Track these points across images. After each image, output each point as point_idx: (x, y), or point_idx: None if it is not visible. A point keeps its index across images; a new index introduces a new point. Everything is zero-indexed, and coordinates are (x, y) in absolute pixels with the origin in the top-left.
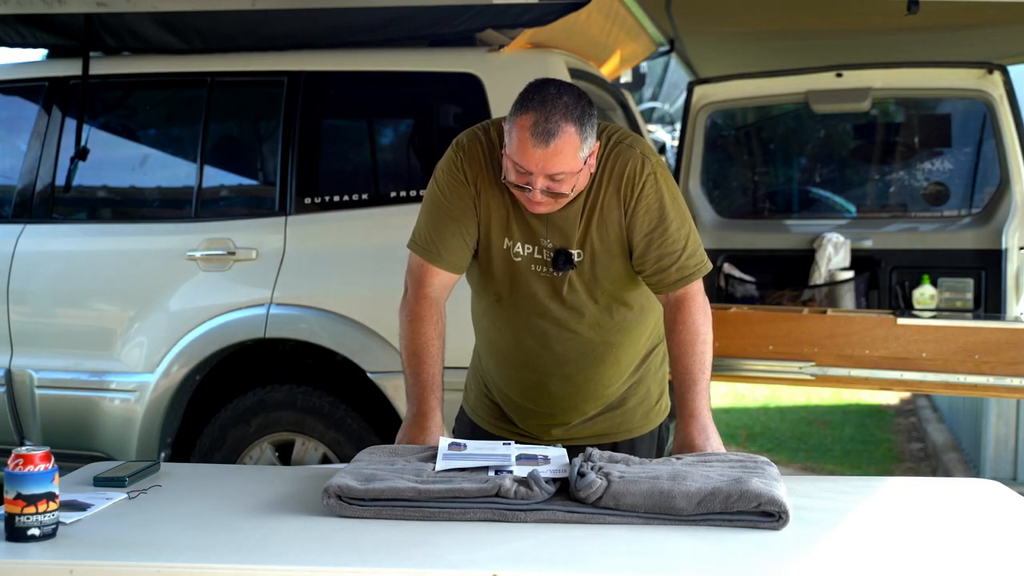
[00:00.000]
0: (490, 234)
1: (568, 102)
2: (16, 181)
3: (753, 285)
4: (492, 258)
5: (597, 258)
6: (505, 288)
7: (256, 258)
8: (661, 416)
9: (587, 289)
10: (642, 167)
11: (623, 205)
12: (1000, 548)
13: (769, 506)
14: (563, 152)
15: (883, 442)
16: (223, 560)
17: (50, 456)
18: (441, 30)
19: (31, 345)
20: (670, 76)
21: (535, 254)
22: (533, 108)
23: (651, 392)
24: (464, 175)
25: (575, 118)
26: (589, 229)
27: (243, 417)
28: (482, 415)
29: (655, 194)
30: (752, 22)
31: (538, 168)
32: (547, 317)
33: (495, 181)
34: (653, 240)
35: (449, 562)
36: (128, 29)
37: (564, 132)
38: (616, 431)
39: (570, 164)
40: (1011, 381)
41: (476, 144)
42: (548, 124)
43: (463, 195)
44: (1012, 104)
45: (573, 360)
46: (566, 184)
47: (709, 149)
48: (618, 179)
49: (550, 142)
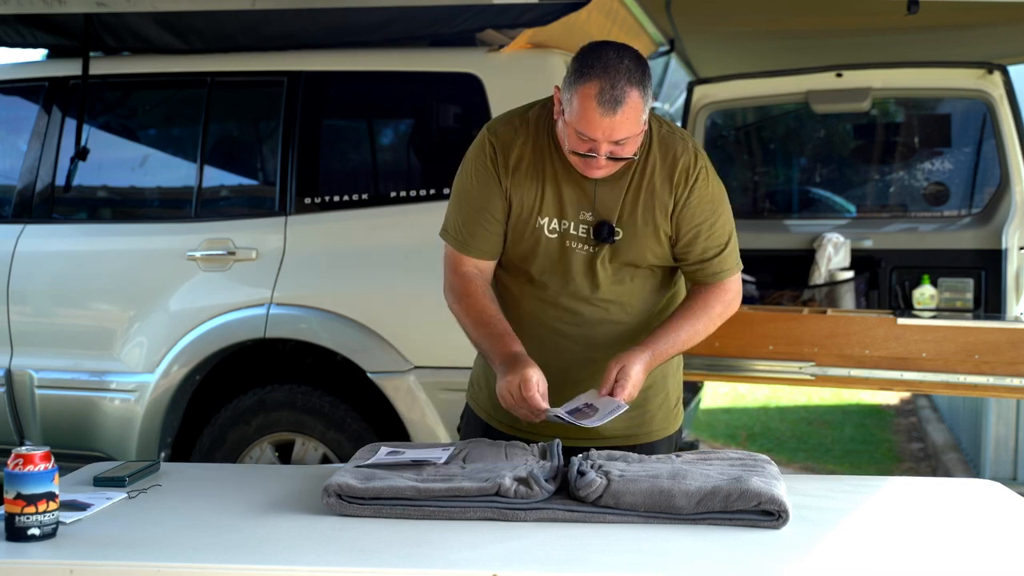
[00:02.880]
0: (521, 214)
1: (630, 66)
2: (16, 181)
3: (753, 285)
4: (524, 239)
5: (636, 237)
6: (536, 267)
7: (256, 258)
8: (678, 422)
9: (618, 267)
10: (695, 160)
11: (675, 194)
12: (1000, 548)
13: (769, 505)
14: (630, 118)
15: (883, 442)
16: (223, 560)
17: (50, 456)
18: (441, 30)
19: (31, 345)
20: (670, 76)
21: (571, 230)
22: (596, 75)
23: (671, 395)
24: (493, 160)
25: (638, 81)
26: (633, 206)
27: (243, 417)
28: (496, 416)
29: (707, 188)
30: (752, 22)
31: (604, 135)
32: (578, 296)
33: (531, 161)
34: (702, 232)
35: (449, 561)
36: (128, 29)
37: (630, 98)
38: (636, 433)
39: (635, 128)
40: (1011, 381)
41: (510, 127)
42: (614, 91)
43: (490, 181)
44: (1012, 104)
45: (601, 344)
46: (629, 147)
47: (709, 149)
48: (671, 167)
49: (617, 109)
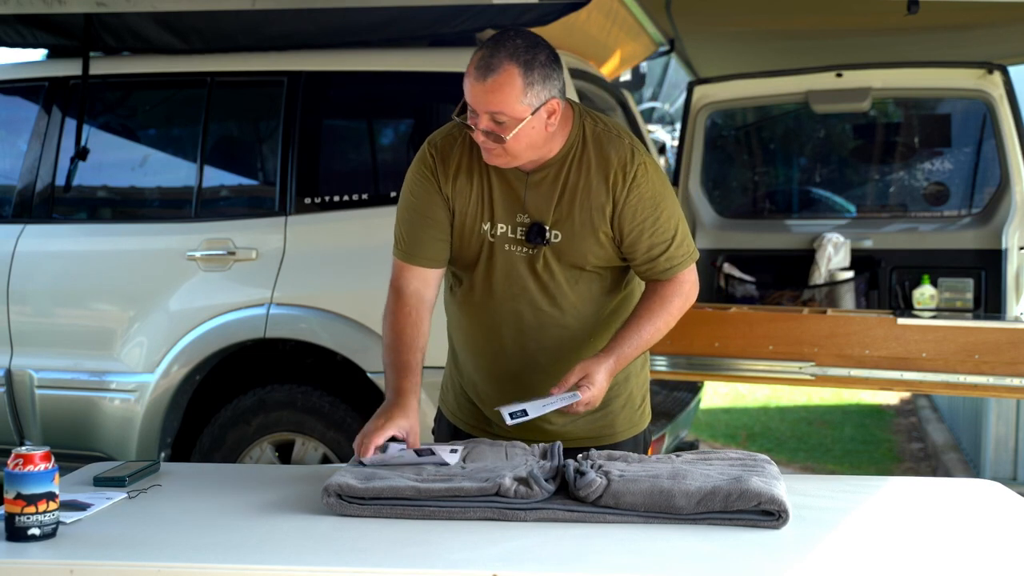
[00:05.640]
0: (465, 221)
1: (519, 45)
2: (16, 181)
3: (753, 285)
4: (469, 244)
5: (574, 238)
6: (481, 273)
7: (256, 258)
8: (645, 421)
9: (563, 270)
10: (632, 157)
11: (612, 193)
12: (1000, 548)
13: (769, 505)
14: (501, 90)
15: (883, 442)
16: (223, 560)
17: (50, 456)
18: (441, 30)
19: (31, 345)
20: (670, 76)
21: (509, 233)
22: (485, 46)
23: (634, 395)
24: (432, 170)
25: (521, 61)
26: (569, 208)
27: (243, 417)
28: (461, 417)
29: (647, 184)
30: (752, 22)
31: (478, 104)
32: (524, 300)
33: (467, 168)
34: (644, 229)
35: (449, 561)
36: (128, 29)
37: (504, 71)
38: (600, 435)
39: (510, 106)
40: (1011, 381)
41: (448, 136)
42: (491, 60)
43: (431, 190)
44: (1012, 104)
45: (550, 348)
46: (508, 129)
47: (709, 149)
48: (605, 165)
49: (488, 76)
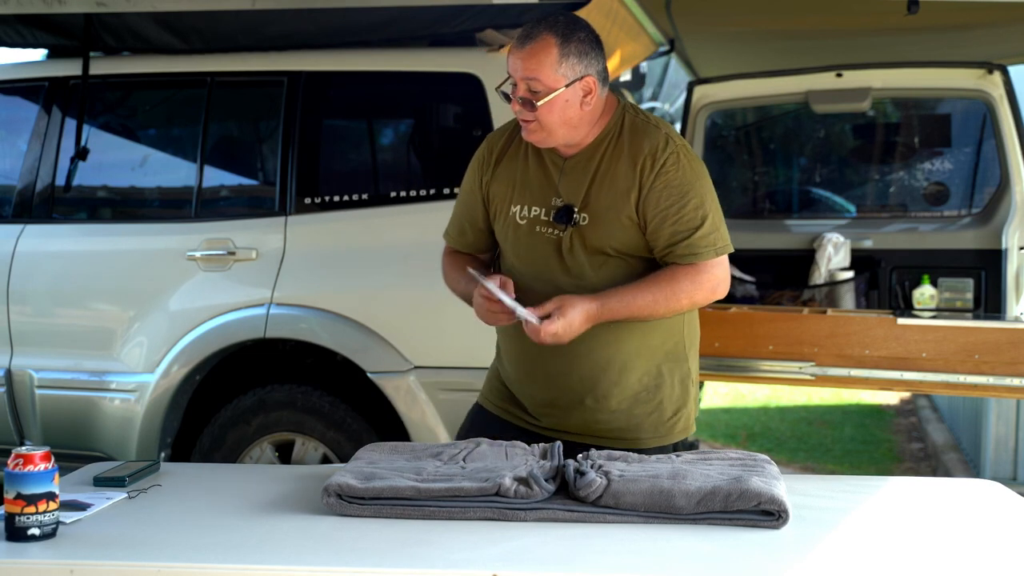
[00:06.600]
0: (501, 206)
1: (562, 21)
2: (16, 181)
3: (753, 285)
4: (505, 228)
5: (599, 221)
6: (514, 255)
7: (256, 258)
8: (676, 435)
9: (588, 255)
10: (665, 145)
11: (639, 178)
12: (1000, 548)
13: (769, 505)
14: (536, 56)
15: (883, 442)
16: (223, 560)
17: (50, 456)
18: (441, 30)
19: (31, 345)
20: (670, 76)
21: (543, 216)
22: (530, 21)
23: (664, 407)
24: (480, 160)
25: (559, 33)
26: (598, 192)
27: (243, 417)
28: (490, 397)
29: (676, 172)
30: (752, 22)
31: (515, 70)
32: (550, 282)
33: (510, 154)
34: (668, 216)
35: (449, 561)
36: (128, 29)
37: (542, 39)
38: (622, 437)
39: (545, 72)
40: (1011, 381)
41: (502, 129)
42: (532, 30)
43: (473, 179)
44: (1012, 104)
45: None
46: (542, 97)
47: (709, 149)
48: (636, 152)
49: (526, 44)
